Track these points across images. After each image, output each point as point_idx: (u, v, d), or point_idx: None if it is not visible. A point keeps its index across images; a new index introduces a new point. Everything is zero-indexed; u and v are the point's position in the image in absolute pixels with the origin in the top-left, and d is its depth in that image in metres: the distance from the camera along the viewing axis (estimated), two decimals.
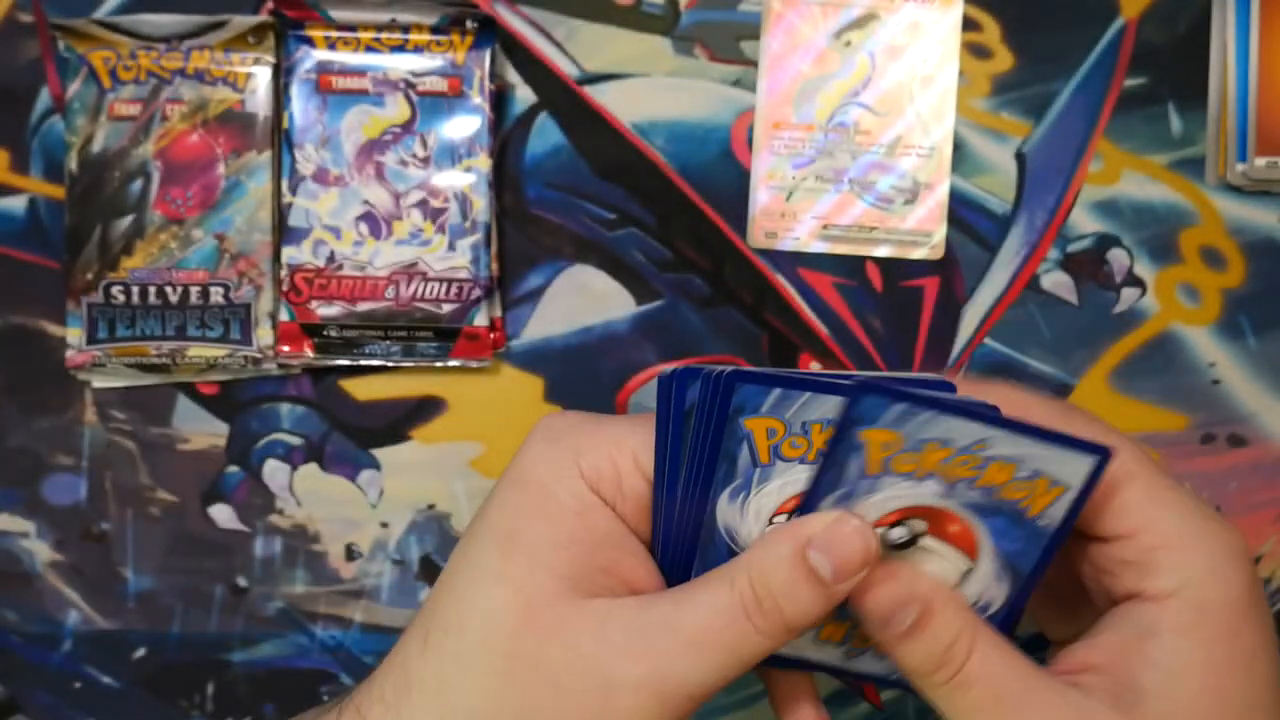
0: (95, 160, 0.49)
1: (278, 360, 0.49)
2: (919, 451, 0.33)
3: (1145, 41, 0.50)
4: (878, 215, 0.50)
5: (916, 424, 0.33)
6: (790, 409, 0.33)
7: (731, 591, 0.33)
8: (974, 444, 0.33)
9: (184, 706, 0.51)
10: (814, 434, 0.34)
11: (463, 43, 0.49)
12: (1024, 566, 0.34)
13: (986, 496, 0.34)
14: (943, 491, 0.34)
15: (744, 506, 0.34)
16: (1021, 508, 0.34)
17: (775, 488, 0.34)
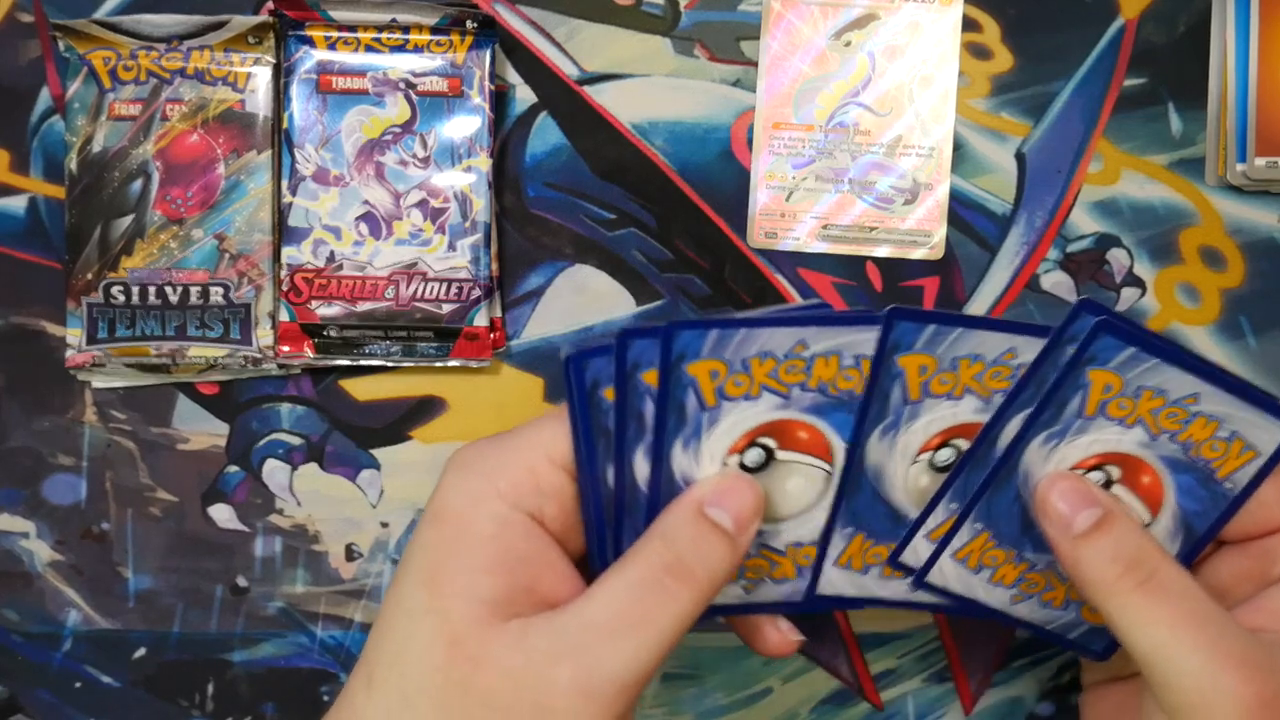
0: (95, 160, 0.49)
1: (278, 360, 0.49)
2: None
3: (1145, 41, 0.50)
4: (877, 215, 0.50)
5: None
6: (729, 348, 0.34)
7: (641, 565, 0.33)
8: (1186, 396, 0.33)
9: (184, 706, 0.51)
10: (754, 369, 0.34)
11: (463, 43, 0.49)
12: (1199, 527, 0.35)
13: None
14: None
15: (698, 452, 0.35)
16: (1214, 468, 0.34)
17: (725, 428, 0.35)
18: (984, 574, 0.36)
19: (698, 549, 0.33)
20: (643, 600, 0.33)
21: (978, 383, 0.34)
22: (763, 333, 0.34)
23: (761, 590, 0.37)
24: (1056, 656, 0.51)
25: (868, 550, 0.36)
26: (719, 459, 0.35)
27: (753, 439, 0.35)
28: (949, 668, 0.51)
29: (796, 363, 0.34)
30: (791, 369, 0.34)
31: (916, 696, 0.52)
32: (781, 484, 0.35)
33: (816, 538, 0.36)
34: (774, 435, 0.35)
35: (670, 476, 0.35)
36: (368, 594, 0.51)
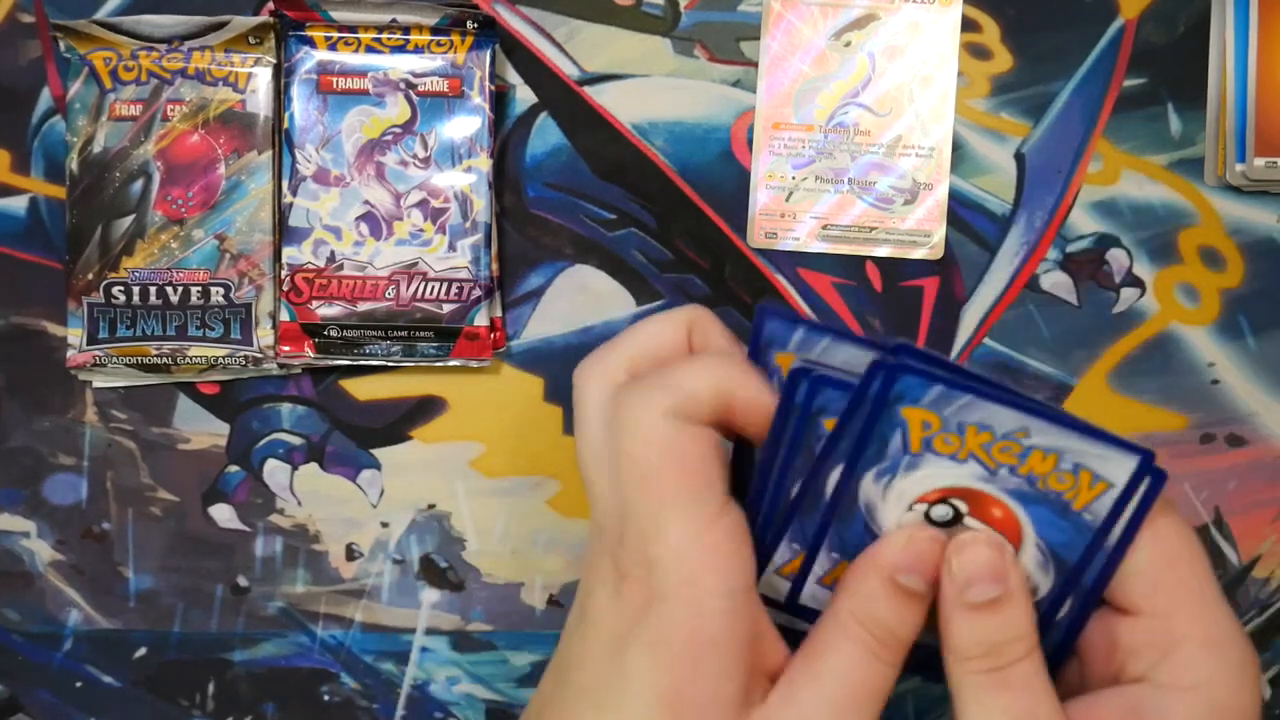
0: (96, 160, 0.49)
1: (278, 360, 0.49)
2: (960, 434, 0.33)
3: (1144, 41, 0.50)
4: (877, 215, 0.50)
5: (955, 407, 0.33)
6: (949, 407, 0.33)
7: (852, 645, 0.33)
8: (1015, 431, 0.33)
9: (184, 706, 0.51)
10: (969, 435, 0.34)
11: (463, 43, 0.49)
12: (1069, 556, 0.34)
13: (1029, 485, 0.34)
14: (983, 475, 0.34)
15: (887, 488, 0.34)
16: (1066, 499, 0.34)
17: (920, 476, 0.34)
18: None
19: (898, 616, 0.33)
20: (864, 676, 0.33)
21: (985, 452, 0.34)
22: (988, 406, 0.33)
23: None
24: None
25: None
26: (907, 502, 0.34)
27: (946, 497, 0.34)
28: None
29: (1013, 445, 0.33)
30: (1006, 449, 0.33)
31: (916, 696, 0.52)
32: None
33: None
34: (968, 500, 0.34)
35: (854, 497, 0.34)
36: (368, 594, 0.51)
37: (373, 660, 0.51)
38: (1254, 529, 0.51)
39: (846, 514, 0.35)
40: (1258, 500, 0.51)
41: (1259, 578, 0.51)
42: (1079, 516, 0.34)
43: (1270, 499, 0.51)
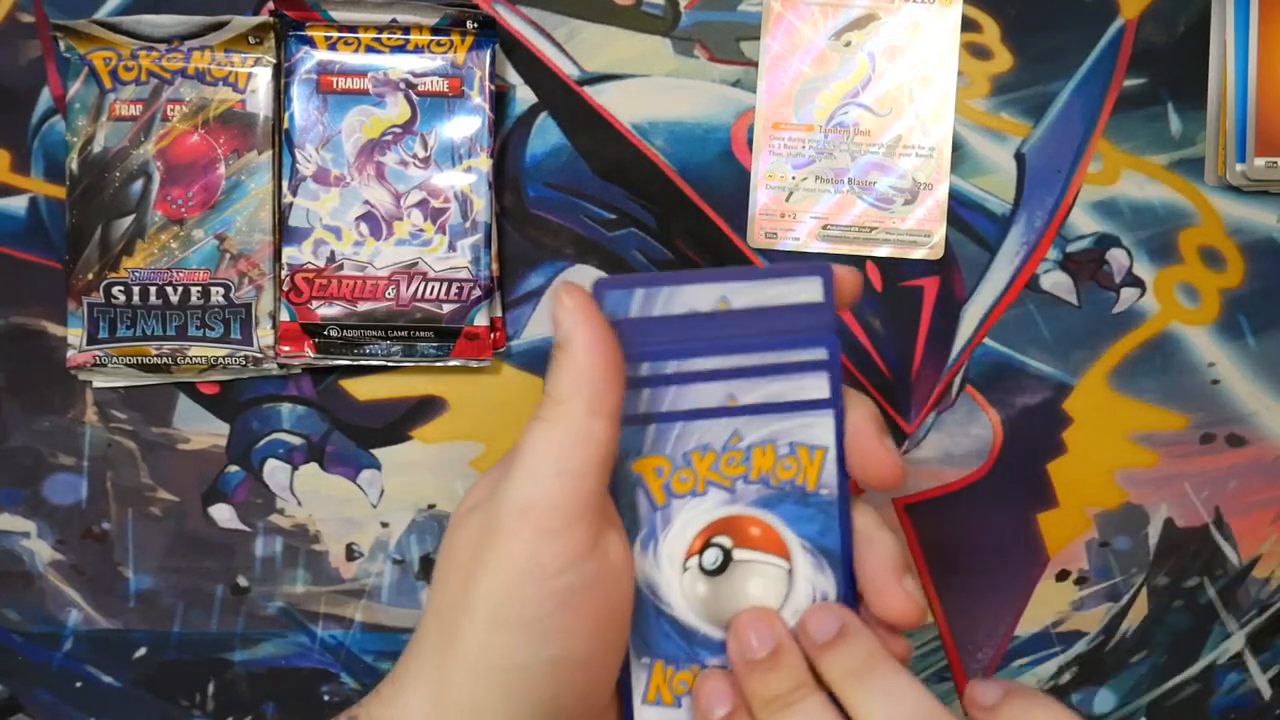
0: (96, 160, 0.49)
1: (278, 360, 0.49)
2: (690, 467, 0.34)
3: (1144, 41, 0.50)
4: (877, 215, 0.50)
5: (674, 440, 0.33)
6: (669, 443, 0.34)
7: None
8: (730, 438, 0.34)
9: (184, 706, 0.51)
10: (696, 463, 0.34)
11: (463, 43, 0.49)
12: (832, 544, 0.35)
13: (767, 486, 0.34)
14: (727, 498, 0.34)
15: (655, 556, 0.34)
16: (799, 484, 0.34)
17: (677, 529, 0.34)
18: (685, 704, 0.35)
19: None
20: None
21: (715, 474, 0.34)
22: (698, 425, 0.34)
23: None
24: (1056, 656, 0.51)
25: (672, 679, 0.35)
26: (679, 563, 0.34)
27: (708, 539, 0.34)
28: (949, 668, 0.51)
29: (735, 454, 0.34)
30: (731, 460, 0.34)
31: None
32: (744, 587, 0.35)
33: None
34: (728, 533, 0.34)
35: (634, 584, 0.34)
36: (368, 594, 0.51)
37: (373, 660, 0.51)
38: (1254, 529, 0.51)
39: (637, 608, 0.34)
40: (1258, 500, 0.51)
41: (1259, 578, 0.51)
42: (818, 496, 0.34)
43: (1270, 499, 0.51)
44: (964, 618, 0.51)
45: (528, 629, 0.32)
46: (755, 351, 0.34)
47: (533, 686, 0.33)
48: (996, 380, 0.51)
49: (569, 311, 0.33)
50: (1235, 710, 0.52)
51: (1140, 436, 0.51)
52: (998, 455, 0.51)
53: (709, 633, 0.35)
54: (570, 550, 0.32)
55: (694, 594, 0.35)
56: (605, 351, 0.33)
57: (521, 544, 0.32)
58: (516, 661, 0.32)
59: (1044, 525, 0.51)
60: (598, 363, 0.33)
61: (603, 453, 0.33)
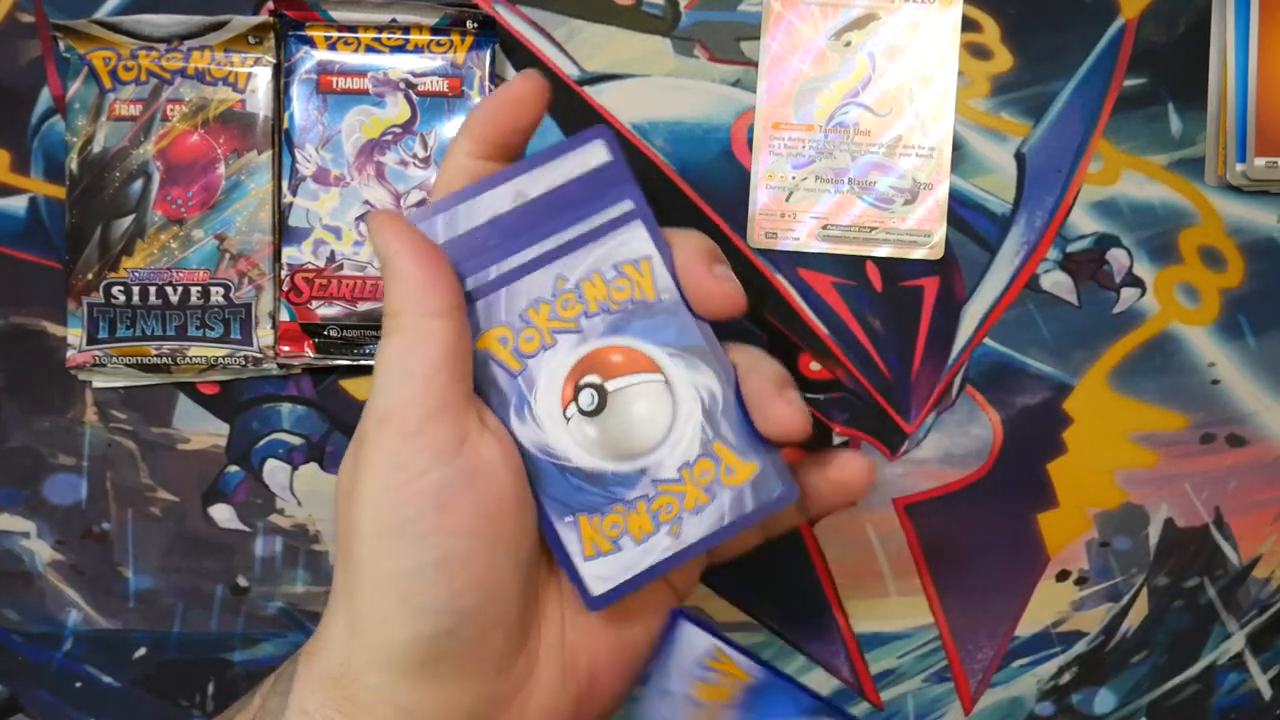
0: (96, 160, 0.49)
1: (278, 360, 0.49)
2: (530, 324, 0.35)
3: (1145, 41, 0.50)
4: (877, 215, 0.50)
5: (504, 306, 0.35)
6: (501, 310, 0.35)
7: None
8: (555, 283, 0.35)
9: (184, 706, 0.51)
10: (535, 318, 0.35)
11: (463, 43, 0.49)
12: (694, 341, 0.35)
13: (607, 313, 0.35)
14: (578, 339, 0.35)
15: (535, 419, 0.35)
16: (640, 299, 0.35)
17: (544, 386, 0.35)
18: (626, 545, 0.35)
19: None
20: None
21: (556, 321, 0.35)
22: (522, 284, 0.35)
23: (687, 527, 0.35)
24: (1056, 656, 0.51)
25: (602, 526, 0.35)
26: (559, 416, 0.35)
27: (577, 382, 0.35)
28: (949, 668, 0.51)
29: (567, 296, 0.35)
30: (566, 304, 0.35)
31: (916, 696, 0.52)
32: (630, 413, 0.35)
33: (701, 450, 0.35)
34: (594, 370, 0.35)
35: (526, 452, 0.35)
36: None
37: None
38: (1254, 529, 0.51)
39: (537, 472, 0.35)
40: (1258, 500, 0.51)
41: (1259, 578, 0.51)
42: (661, 303, 0.35)
43: (1270, 499, 0.51)
44: (964, 618, 0.51)
45: (403, 533, 0.33)
46: (564, 229, 0.35)
47: (424, 590, 0.33)
48: (996, 380, 0.51)
49: (379, 230, 0.34)
50: (1235, 710, 0.52)
51: (1140, 436, 0.51)
52: (998, 455, 0.51)
53: (616, 469, 0.35)
54: (432, 448, 0.33)
55: (585, 438, 0.35)
56: (422, 254, 0.34)
57: (383, 451, 0.33)
58: (403, 567, 0.33)
59: (1044, 525, 0.51)
60: (417, 266, 0.34)
61: (444, 350, 0.33)
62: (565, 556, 0.35)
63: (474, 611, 0.34)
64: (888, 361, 0.51)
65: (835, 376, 0.51)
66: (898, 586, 0.51)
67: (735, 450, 0.36)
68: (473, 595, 0.34)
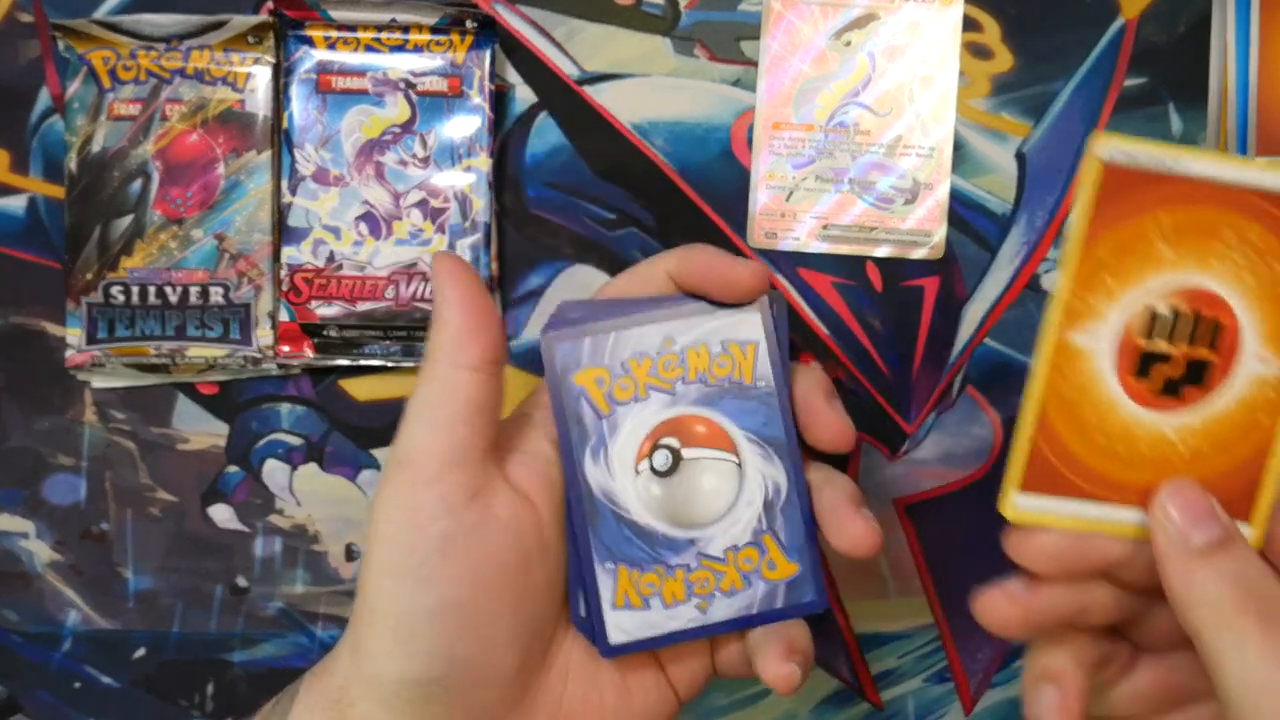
0: (95, 160, 0.49)
1: (278, 360, 0.49)
2: (629, 374, 0.35)
3: (1145, 41, 0.50)
4: (878, 215, 0.50)
5: (610, 350, 0.35)
6: (605, 353, 0.35)
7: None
8: (662, 343, 0.35)
9: (184, 706, 0.51)
10: (635, 370, 0.35)
11: (463, 43, 0.49)
12: (774, 433, 0.36)
13: (704, 384, 0.35)
14: (668, 400, 0.35)
15: (608, 464, 0.35)
16: (737, 379, 0.36)
17: (624, 436, 0.35)
18: (655, 605, 0.36)
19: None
20: None
21: (654, 378, 0.35)
22: (632, 334, 0.35)
23: (716, 606, 0.36)
24: None
25: (639, 581, 0.36)
26: (630, 467, 0.35)
27: (656, 441, 0.35)
28: (949, 668, 0.51)
29: (670, 358, 0.35)
30: (668, 365, 0.35)
31: (916, 696, 0.52)
32: (697, 484, 0.36)
33: (752, 538, 0.36)
34: (675, 434, 0.35)
35: (590, 493, 0.35)
36: None
37: None
38: None
39: (594, 513, 0.35)
40: None
41: None
42: (755, 389, 0.36)
43: None
44: (964, 618, 0.51)
45: (406, 576, 0.33)
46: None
47: (420, 633, 0.34)
48: (997, 380, 0.51)
49: (437, 272, 0.35)
50: None
51: None
52: (998, 455, 0.51)
53: (668, 531, 0.36)
54: (443, 499, 0.33)
55: (649, 496, 0.36)
56: (469, 304, 0.34)
57: (397, 493, 0.34)
58: (402, 608, 0.33)
59: None
60: (461, 316, 0.34)
61: (468, 404, 0.34)
62: (596, 599, 0.36)
63: (467, 661, 0.34)
64: (888, 361, 0.51)
65: (835, 376, 0.50)
66: (898, 586, 0.51)
67: (783, 548, 0.36)
68: (466, 645, 0.34)
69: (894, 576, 0.51)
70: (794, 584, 0.36)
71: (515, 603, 0.35)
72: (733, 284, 0.36)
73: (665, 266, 0.37)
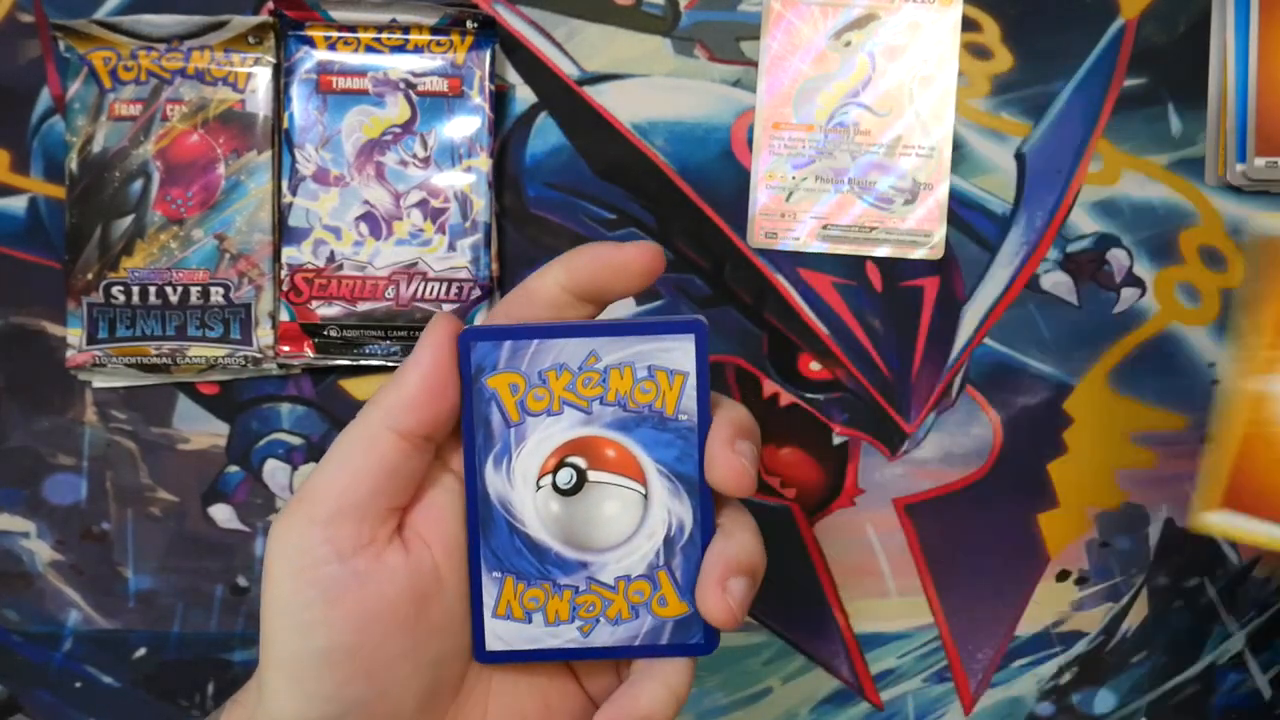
0: (95, 160, 0.49)
1: (278, 360, 0.49)
2: (545, 385, 0.34)
3: (1145, 41, 0.50)
4: (877, 215, 0.50)
5: (529, 357, 0.34)
6: (525, 361, 0.34)
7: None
8: (586, 359, 0.34)
9: (184, 706, 0.51)
10: (552, 382, 0.34)
11: (463, 43, 0.49)
12: (689, 470, 0.35)
13: (622, 409, 0.34)
14: (582, 419, 0.34)
15: (509, 473, 0.34)
16: (658, 408, 0.34)
17: (531, 446, 0.34)
18: (536, 620, 0.35)
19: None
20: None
21: (571, 393, 0.34)
22: (555, 344, 0.34)
23: (599, 632, 0.35)
24: (1056, 656, 0.51)
25: (522, 595, 0.35)
26: (532, 480, 0.34)
27: (562, 458, 0.34)
28: (949, 668, 0.51)
29: (592, 375, 0.34)
30: (588, 382, 0.34)
31: (916, 696, 0.52)
32: (599, 508, 0.35)
33: (645, 570, 0.35)
34: (583, 454, 0.34)
35: (487, 499, 0.34)
36: None
37: None
38: None
39: (488, 520, 0.34)
40: None
41: (1259, 578, 0.51)
42: (676, 422, 0.34)
43: None
44: (964, 618, 0.51)
45: (291, 617, 0.33)
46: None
47: (310, 676, 0.33)
48: (997, 380, 0.51)
49: (425, 333, 0.34)
50: (1235, 710, 0.52)
51: (1140, 436, 0.51)
52: (998, 455, 0.51)
53: (561, 551, 0.35)
54: (331, 543, 0.33)
55: (547, 512, 0.35)
56: (428, 379, 0.34)
57: (291, 528, 0.33)
58: (292, 650, 0.33)
59: (1044, 525, 0.51)
60: (415, 384, 0.33)
61: (385, 466, 0.33)
62: (478, 605, 0.35)
63: (363, 704, 0.33)
64: (888, 361, 0.51)
65: (835, 376, 0.51)
66: (898, 586, 0.51)
67: (677, 586, 0.35)
68: (360, 688, 0.33)
69: (894, 576, 0.51)
70: (682, 623, 0.35)
71: (412, 644, 0.34)
72: (627, 266, 0.35)
73: (553, 278, 0.35)
